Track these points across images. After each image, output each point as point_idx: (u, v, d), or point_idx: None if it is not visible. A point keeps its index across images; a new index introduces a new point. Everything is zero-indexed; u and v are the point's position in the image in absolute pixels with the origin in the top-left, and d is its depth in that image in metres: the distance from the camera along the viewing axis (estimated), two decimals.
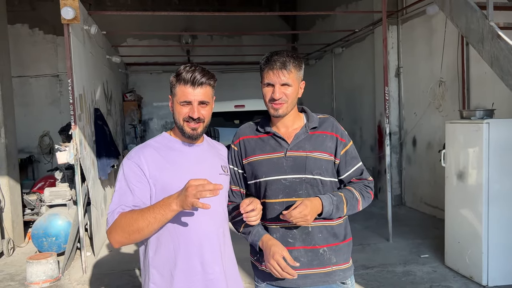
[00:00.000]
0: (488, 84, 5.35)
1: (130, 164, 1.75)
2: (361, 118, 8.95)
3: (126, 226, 1.64)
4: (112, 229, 1.68)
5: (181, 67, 1.78)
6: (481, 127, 3.99)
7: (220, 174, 1.88)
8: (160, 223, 1.64)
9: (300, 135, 1.88)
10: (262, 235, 1.84)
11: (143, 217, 1.63)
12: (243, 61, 11.90)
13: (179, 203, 1.58)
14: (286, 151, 1.86)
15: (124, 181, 1.74)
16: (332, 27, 9.93)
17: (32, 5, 10.77)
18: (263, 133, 1.93)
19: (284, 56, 1.81)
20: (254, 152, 1.91)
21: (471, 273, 4.19)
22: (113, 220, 1.68)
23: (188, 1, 12.10)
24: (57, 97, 10.84)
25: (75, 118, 4.69)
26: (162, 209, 1.62)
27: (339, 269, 1.90)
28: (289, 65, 1.80)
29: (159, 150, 1.79)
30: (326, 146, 1.88)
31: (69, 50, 4.68)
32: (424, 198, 6.94)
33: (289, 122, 1.91)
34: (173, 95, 1.80)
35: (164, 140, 1.85)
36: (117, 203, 1.70)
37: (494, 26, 3.27)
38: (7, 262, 5.34)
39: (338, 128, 1.94)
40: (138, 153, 1.78)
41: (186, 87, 1.74)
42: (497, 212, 4.00)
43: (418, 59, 6.94)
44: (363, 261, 4.85)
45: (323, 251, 1.86)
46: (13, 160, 5.97)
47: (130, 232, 1.64)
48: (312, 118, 1.93)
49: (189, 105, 1.76)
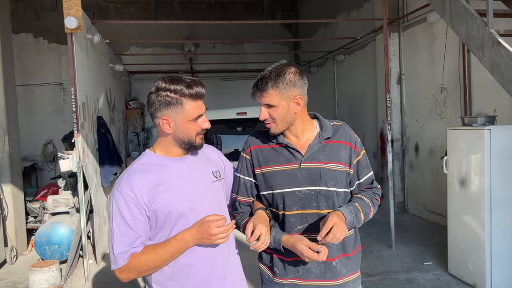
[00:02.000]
0: (489, 91, 5.35)
1: (124, 199, 1.65)
2: (363, 125, 8.95)
3: (141, 267, 1.66)
4: (124, 270, 1.67)
5: (171, 85, 1.66)
6: (483, 133, 3.99)
7: (213, 182, 1.83)
8: (174, 257, 1.69)
9: (314, 146, 1.85)
10: (279, 238, 1.82)
11: (158, 255, 1.66)
12: (245, 69, 11.95)
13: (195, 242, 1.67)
14: (301, 162, 1.83)
15: (121, 218, 1.65)
16: (334, 34, 9.98)
17: (36, 15, 10.89)
18: (276, 143, 1.89)
19: (265, 78, 1.78)
20: (267, 162, 1.87)
21: (474, 280, 4.17)
22: (125, 263, 1.66)
23: (191, 10, 12.21)
24: (61, 105, 10.92)
25: (78, 126, 4.71)
26: (178, 247, 1.66)
27: (350, 280, 1.90)
28: (266, 87, 1.77)
29: (147, 173, 1.70)
30: (340, 156, 1.86)
31: (72, 58, 4.72)
32: (427, 205, 6.91)
33: (299, 132, 1.86)
34: (176, 113, 1.68)
35: (150, 160, 1.76)
36: (124, 245, 1.65)
37: (494, 33, 3.28)
38: (10, 270, 5.35)
39: (352, 136, 1.91)
40: (129, 183, 1.67)
41: (197, 101, 1.70)
42: (500, 219, 3.98)
43: (420, 66, 6.95)
44: (366, 268, 4.82)
45: (335, 263, 1.85)
46: (17, 168, 6.00)
47: (147, 271, 1.68)
48: (326, 127, 1.88)
49: (199, 117, 1.73)
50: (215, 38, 11.26)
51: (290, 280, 1.87)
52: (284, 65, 1.80)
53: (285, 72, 1.77)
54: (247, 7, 12.57)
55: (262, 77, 1.79)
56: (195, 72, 12.20)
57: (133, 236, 1.66)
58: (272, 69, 1.79)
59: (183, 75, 1.79)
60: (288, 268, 1.87)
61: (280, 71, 1.77)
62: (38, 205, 6.27)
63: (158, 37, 11.18)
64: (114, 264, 1.67)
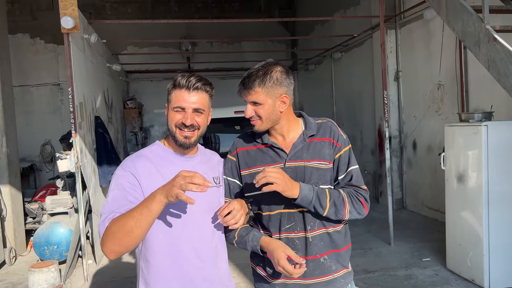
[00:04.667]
0: (486, 87, 5.36)
1: (124, 173, 1.68)
2: (361, 122, 8.96)
3: (116, 231, 1.54)
4: (104, 239, 1.57)
5: (179, 75, 1.74)
6: (480, 129, 4.00)
7: (212, 186, 1.77)
8: (147, 218, 1.52)
9: (298, 144, 1.85)
10: (259, 237, 1.82)
11: (130, 216, 1.53)
12: (243, 67, 11.89)
13: (164, 193, 1.51)
14: (285, 161, 1.84)
15: (116, 189, 1.65)
16: (331, 32, 9.98)
17: (33, 15, 10.87)
18: (261, 143, 1.89)
19: (252, 76, 1.78)
20: (255, 163, 1.87)
21: (473, 276, 4.18)
22: (104, 228, 1.57)
23: (188, 9, 12.19)
24: (58, 105, 10.90)
25: (76, 126, 4.71)
26: (147, 202, 1.53)
27: (340, 275, 1.90)
28: (253, 84, 1.77)
29: (152, 161, 1.73)
30: (324, 153, 1.85)
31: (69, 59, 4.72)
32: (426, 201, 6.93)
33: (285, 131, 1.87)
34: (168, 102, 1.74)
35: (158, 150, 1.79)
36: (108, 211, 1.61)
37: (490, 29, 3.28)
38: (9, 271, 5.35)
39: (336, 132, 1.89)
40: (133, 162, 1.72)
41: (181, 91, 1.69)
42: (497, 214, 3.99)
43: (417, 62, 6.96)
44: (365, 265, 4.84)
45: (323, 260, 1.85)
46: (15, 169, 5.99)
47: (121, 237, 1.53)
48: (310, 125, 1.88)
49: (183, 111, 1.70)
50: (213, 36, 11.25)
51: (280, 280, 1.87)
52: (271, 64, 1.81)
53: (272, 70, 1.78)
54: (244, 6, 12.56)
55: (249, 75, 1.79)
56: (193, 71, 12.20)
57: (119, 203, 1.61)
58: (259, 67, 1.79)
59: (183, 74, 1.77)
60: None
61: (267, 70, 1.78)
62: (37, 205, 6.26)
63: (155, 36, 11.16)
64: (99, 236, 1.60)
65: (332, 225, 1.87)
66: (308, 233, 1.83)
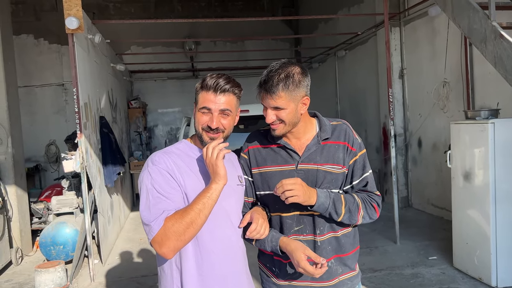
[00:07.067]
0: (492, 84, 5.33)
1: (158, 170, 1.65)
2: (366, 121, 8.93)
3: (178, 226, 1.54)
4: (162, 237, 1.54)
5: (207, 75, 1.72)
6: (486, 127, 3.97)
7: (238, 185, 1.82)
8: (209, 207, 1.58)
9: (312, 147, 1.80)
10: (278, 238, 1.79)
11: (191, 208, 1.56)
12: (246, 66, 11.93)
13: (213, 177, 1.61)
14: (298, 163, 1.79)
15: (154, 189, 1.62)
16: (335, 30, 9.95)
17: (37, 16, 10.90)
18: (274, 143, 1.84)
19: (273, 79, 1.69)
20: (265, 162, 1.84)
21: (480, 274, 4.16)
22: (160, 227, 1.55)
23: (191, 8, 12.19)
24: (63, 105, 10.93)
25: (81, 127, 4.72)
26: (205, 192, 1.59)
27: (346, 278, 1.87)
28: (277, 89, 1.68)
29: (181, 157, 1.73)
30: (338, 157, 1.80)
31: (73, 59, 4.72)
32: (431, 199, 6.90)
33: (300, 133, 1.82)
34: (195, 102, 1.73)
35: (185, 148, 1.79)
36: (157, 212, 1.58)
37: (496, 26, 3.26)
38: (15, 271, 5.37)
39: (350, 135, 1.84)
40: (163, 157, 1.69)
41: (208, 93, 1.67)
42: (505, 212, 3.97)
43: (422, 60, 6.93)
44: (371, 264, 4.82)
45: (330, 264, 1.83)
46: (20, 169, 6.01)
47: (184, 230, 1.54)
48: (325, 127, 1.82)
49: (209, 113, 1.68)
50: (216, 36, 11.23)
51: (286, 282, 1.86)
52: (289, 64, 1.73)
53: (293, 73, 1.70)
54: (247, 5, 12.54)
55: (269, 78, 1.70)
56: (196, 71, 12.21)
57: (166, 202, 1.60)
58: (279, 69, 1.70)
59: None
60: (286, 269, 1.85)
61: (288, 72, 1.70)
62: (42, 206, 6.29)
63: (158, 36, 11.16)
64: (150, 234, 1.57)
65: (341, 228, 1.85)
66: (317, 237, 1.81)
